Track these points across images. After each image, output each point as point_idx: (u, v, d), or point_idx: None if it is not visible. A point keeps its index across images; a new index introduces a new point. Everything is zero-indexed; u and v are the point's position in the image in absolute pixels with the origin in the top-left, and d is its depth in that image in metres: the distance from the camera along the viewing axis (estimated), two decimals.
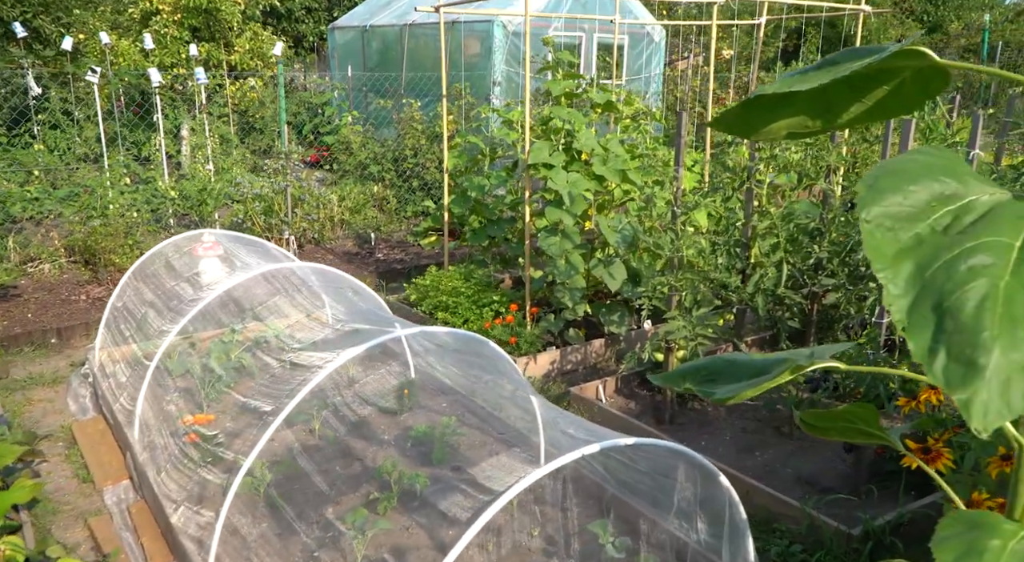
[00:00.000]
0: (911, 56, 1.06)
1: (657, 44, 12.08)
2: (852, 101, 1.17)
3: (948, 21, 16.56)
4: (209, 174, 7.19)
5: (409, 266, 6.62)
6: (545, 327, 4.65)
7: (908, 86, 1.14)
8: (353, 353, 2.53)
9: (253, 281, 3.61)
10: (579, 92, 4.59)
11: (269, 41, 10.35)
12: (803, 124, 1.21)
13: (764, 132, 1.23)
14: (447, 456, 3.29)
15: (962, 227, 0.87)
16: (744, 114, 1.20)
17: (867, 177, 0.93)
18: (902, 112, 1.18)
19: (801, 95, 1.14)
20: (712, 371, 1.40)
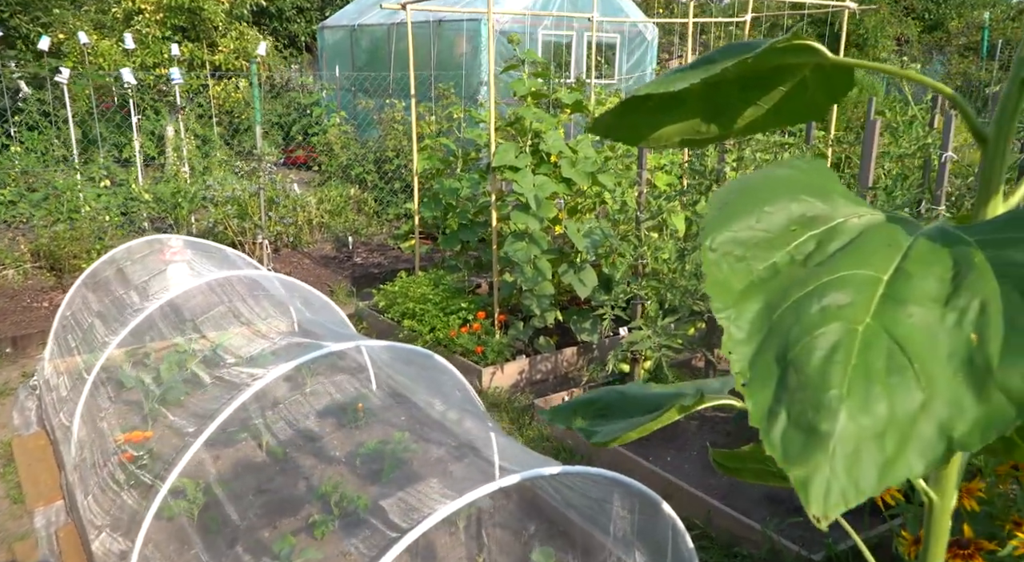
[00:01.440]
0: (798, 52, 0.91)
1: (650, 43, 11.92)
2: (745, 104, 1.02)
3: (949, 19, 16.35)
4: (185, 176, 7.07)
5: (386, 270, 6.48)
6: (514, 335, 4.51)
7: (810, 87, 0.99)
8: (278, 372, 2.39)
9: (200, 290, 3.47)
10: (546, 92, 4.43)
11: (255, 41, 10.22)
12: (695, 129, 1.06)
13: (653, 139, 1.07)
14: (396, 474, 3.14)
15: (825, 256, 0.72)
16: (624, 118, 1.04)
17: (715, 197, 0.78)
18: (807, 117, 1.03)
19: (687, 98, 0.99)
20: (605, 405, 1.26)
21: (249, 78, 10.12)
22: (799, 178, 0.78)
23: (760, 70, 0.96)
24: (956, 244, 0.69)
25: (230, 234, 6.33)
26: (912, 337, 0.65)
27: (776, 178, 0.78)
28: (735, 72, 0.92)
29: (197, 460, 3.20)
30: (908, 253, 0.69)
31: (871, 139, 2.60)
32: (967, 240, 0.69)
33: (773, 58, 0.92)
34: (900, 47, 15.13)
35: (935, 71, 14.02)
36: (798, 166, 0.80)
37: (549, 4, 9.88)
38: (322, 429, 3.52)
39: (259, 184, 6.19)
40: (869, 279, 0.68)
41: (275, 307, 3.67)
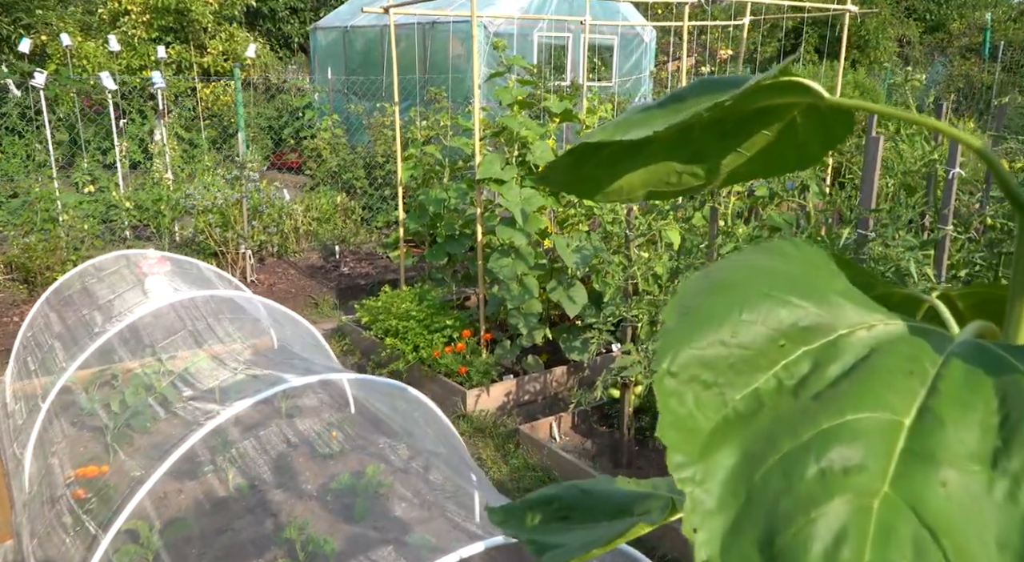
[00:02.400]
0: (787, 90, 0.72)
1: (647, 45, 11.73)
2: (724, 151, 0.83)
3: (950, 20, 16.15)
4: (168, 183, 6.87)
5: (374, 281, 6.29)
6: (501, 354, 4.32)
7: (801, 132, 0.80)
8: (232, 411, 2.20)
9: (165, 312, 3.28)
10: (533, 101, 4.24)
11: (245, 42, 10.03)
12: (664, 180, 0.86)
13: (612, 191, 0.87)
14: (369, 512, 2.96)
15: (824, 383, 0.52)
16: (578, 169, 0.85)
17: (678, 297, 0.58)
18: (798, 165, 0.83)
19: (652, 144, 0.80)
20: (565, 506, 1.06)
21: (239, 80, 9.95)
22: (787, 271, 0.58)
23: (742, 112, 0.77)
24: (1001, 371, 0.49)
25: (212, 244, 6.14)
26: (948, 517, 0.45)
27: (757, 271, 0.58)
28: (710, 116, 0.73)
29: (156, 496, 3.01)
30: (937, 385, 0.49)
31: (873, 158, 2.41)
32: (1016, 366, 0.50)
33: (756, 99, 0.73)
34: (902, 48, 14.95)
35: (937, 73, 13.83)
36: (786, 253, 0.60)
37: (544, 7, 9.69)
38: (294, 460, 3.33)
39: (242, 192, 6.00)
40: (885, 426, 0.48)
41: (246, 331, 3.49)
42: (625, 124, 0.73)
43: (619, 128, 0.72)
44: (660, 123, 0.70)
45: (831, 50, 11.28)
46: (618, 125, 0.73)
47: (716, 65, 12.93)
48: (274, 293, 5.95)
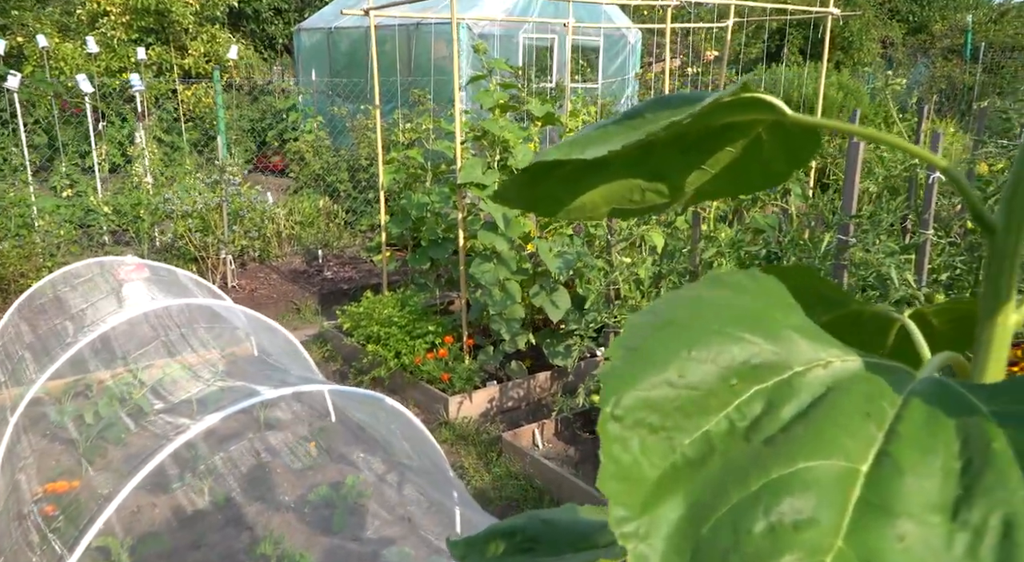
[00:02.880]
0: (749, 108, 0.69)
1: (633, 46, 11.72)
2: (688, 168, 0.79)
3: (932, 21, 16.25)
4: (148, 187, 6.79)
5: (357, 286, 6.23)
6: (484, 360, 4.28)
7: (767, 149, 0.77)
8: (202, 426, 2.15)
9: (139, 321, 3.22)
10: (515, 104, 4.21)
11: (227, 44, 9.94)
12: (627, 198, 0.82)
13: (574, 209, 0.83)
14: (348, 525, 2.91)
15: (777, 426, 0.48)
16: (535, 187, 0.81)
17: (624, 335, 0.54)
18: (765, 183, 0.80)
19: (613, 161, 0.77)
20: (528, 538, 1.02)
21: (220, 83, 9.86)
22: (740, 305, 0.55)
23: (704, 128, 0.74)
24: (963, 412, 0.45)
25: (192, 249, 6.07)
26: None
27: (707, 306, 0.54)
28: (669, 133, 0.69)
29: (129, 511, 2.96)
30: (896, 428, 0.45)
31: (854, 163, 2.39)
32: (979, 408, 0.46)
33: (717, 116, 0.70)
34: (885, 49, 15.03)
35: (920, 74, 13.90)
36: (740, 286, 0.56)
37: (528, 9, 9.66)
38: (272, 471, 3.28)
39: (222, 196, 5.93)
40: (840, 474, 0.44)
41: (224, 339, 3.43)
42: (581, 142, 0.69)
43: (575, 146, 0.69)
44: (616, 141, 0.67)
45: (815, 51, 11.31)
46: (574, 143, 0.70)
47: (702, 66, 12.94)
48: (255, 298, 5.89)
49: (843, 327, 0.85)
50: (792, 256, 3.50)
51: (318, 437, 3.38)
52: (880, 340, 0.87)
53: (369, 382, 4.46)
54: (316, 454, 3.30)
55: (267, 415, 3.69)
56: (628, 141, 0.64)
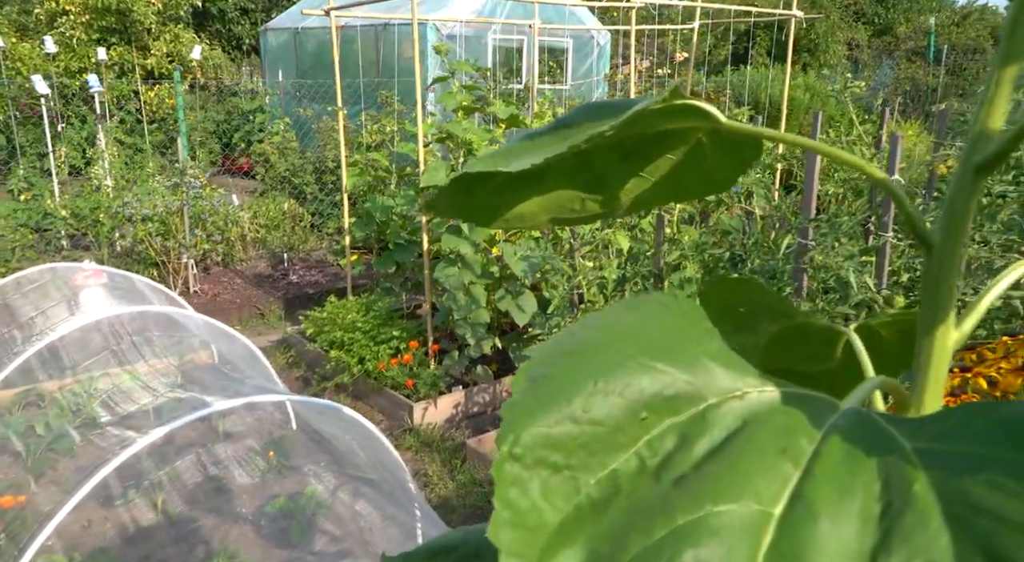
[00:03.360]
0: (680, 115, 0.65)
1: (602, 48, 11.73)
2: (627, 176, 0.76)
3: (897, 23, 16.50)
4: (108, 190, 6.64)
5: (323, 289, 6.14)
6: (449, 365, 4.23)
7: (709, 156, 0.73)
8: (148, 440, 2.08)
9: (91, 330, 3.13)
10: (479, 106, 4.16)
11: (190, 44, 9.77)
12: (566, 207, 0.78)
13: (512, 218, 0.79)
14: (306, 537, 2.85)
15: (690, 464, 0.44)
16: (469, 196, 0.77)
17: (529, 363, 0.50)
18: (710, 190, 0.76)
19: (549, 169, 0.73)
20: (471, 552, 0.98)
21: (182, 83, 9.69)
22: (655, 331, 0.50)
23: (641, 135, 0.70)
24: (885, 449, 0.42)
25: (153, 254, 5.94)
26: None
27: (620, 332, 0.50)
28: (595, 143, 0.66)
29: (80, 525, 2.87)
30: (812, 467, 0.42)
31: (813, 166, 2.39)
32: (902, 445, 0.42)
33: (650, 124, 0.66)
34: (851, 51, 15.23)
35: (885, 75, 14.09)
36: (656, 308, 0.52)
37: (497, 10, 9.62)
38: (229, 482, 3.20)
39: (183, 199, 5.81)
40: (750, 519, 0.40)
41: (183, 347, 3.35)
42: (509, 153, 0.66)
43: (502, 157, 0.65)
44: (542, 153, 0.63)
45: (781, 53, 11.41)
46: (502, 154, 0.66)
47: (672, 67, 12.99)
48: (218, 303, 5.78)
49: (792, 339, 0.82)
50: (756, 258, 3.49)
51: (277, 447, 3.31)
52: (828, 353, 0.84)
53: (333, 388, 4.40)
54: (275, 465, 3.23)
55: (225, 424, 3.60)
56: (552, 154, 0.61)
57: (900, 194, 0.58)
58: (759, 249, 3.46)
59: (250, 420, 3.57)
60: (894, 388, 0.57)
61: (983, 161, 0.56)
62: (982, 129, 0.57)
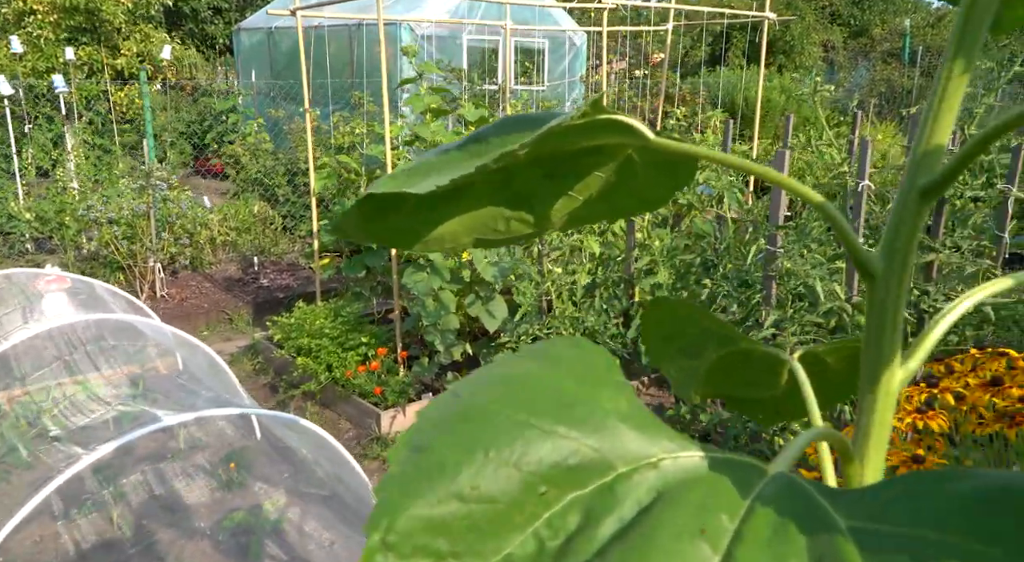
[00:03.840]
0: (601, 131, 0.59)
1: (579, 48, 11.69)
2: (555, 194, 0.70)
3: (873, 25, 16.63)
4: (73, 192, 6.49)
5: (294, 294, 6.03)
6: (418, 372, 4.15)
7: (641, 173, 0.67)
8: (92, 458, 1.99)
9: (42, 339, 3.02)
10: (448, 107, 4.09)
11: (161, 43, 9.61)
12: (491, 227, 0.71)
13: (434, 240, 0.72)
14: (265, 552, 2.76)
15: (594, 547, 0.37)
16: (381, 218, 0.70)
17: (413, 429, 0.43)
18: (644, 207, 0.70)
19: (472, 186, 0.67)
20: None
21: (153, 83, 9.53)
22: (557, 386, 0.44)
23: (565, 151, 0.64)
24: (818, 528, 0.36)
25: (119, 257, 5.81)
26: None
27: (517, 388, 0.43)
28: (520, 159, 0.60)
29: (32, 541, 2.77)
30: (733, 551, 0.36)
31: (780, 171, 2.34)
32: (836, 523, 0.36)
33: (570, 140, 0.60)
34: (827, 53, 15.32)
35: (860, 77, 14.18)
36: (560, 359, 0.46)
37: (473, 11, 9.55)
38: (188, 495, 3.11)
39: (147, 203, 5.68)
40: None
41: (138, 357, 3.25)
42: (417, 171, 0.59)
43: (409, 177, 0.58)
44: (450, 172, 0.56)
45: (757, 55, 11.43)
46: (408, 173, 0.59)
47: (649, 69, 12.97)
48: (185, 308, 5.66)
49: (735, 365, 0.76)
50: (728, 263, 3.45)
51: (239, 459, 3.22)
52: (773, 380, 0.79)
53: (300, 396, 4.31)
54: (235, 477, 3.14)
55: (186, 435, 3.51)
56: (458, 174, 0.54)
57: (839, 219, 0.52)
58: (730, 254, 3.42)
59: (211, 431, 3.48)
60: (834, 438, 0.51)
61: (929, 184, 0.50)
62: (928, 147, 0.51)
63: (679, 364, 0.82)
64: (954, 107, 0.50)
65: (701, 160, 0.59)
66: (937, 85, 0.50)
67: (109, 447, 2.08)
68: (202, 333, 5.47)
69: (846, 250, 0.55)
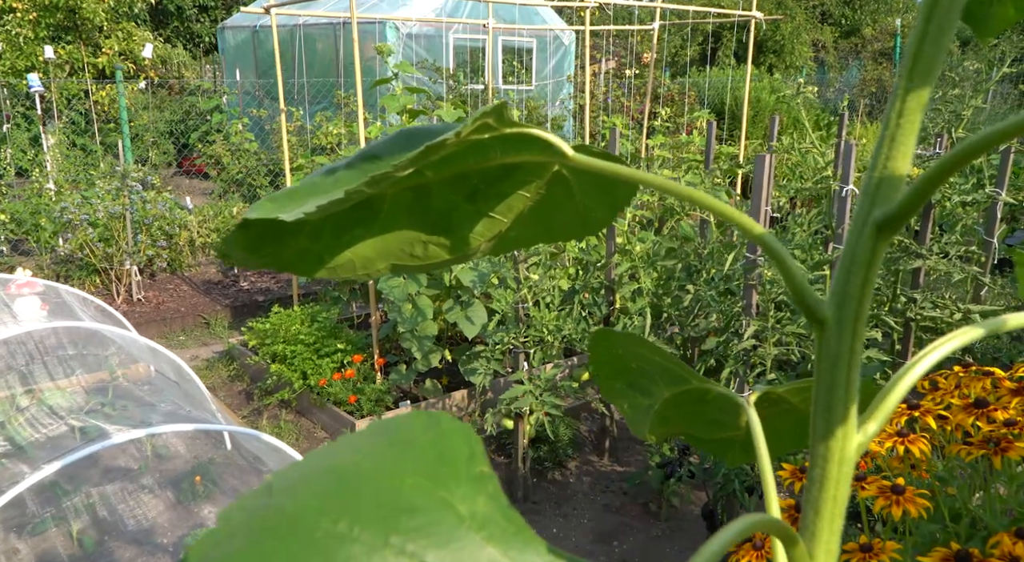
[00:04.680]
0: (518, 145, 0.50)
1: (567, 48, 11.60)
2: (477, 216, 0.60)
3: (863, 25, 16.59)
4: (50, 193, 6.36)
5: (274, 297, 5.92)
6: (396, 380, 4.05)
7: (577, 191, 0.58)
8: (33, 479, 1.88)
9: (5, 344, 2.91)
10: (424, 108, 3.99)
11: (143, 42, 9.48)
12: (410, 253, 0.62)
13: (342, 266, 0.62)
14: None
15: None
16: (278, 241, 0.59)
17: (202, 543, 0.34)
18: (583, 229, 0.61)
19: (382, 207, 0.57)
20: None
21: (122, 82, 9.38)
22: (392, 482, 0.33)
23: (480, 170, 0.55)
24: None
25: (95, 260, 5.68)
26: None
27: (341, 484, 0.33)
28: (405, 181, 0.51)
29: None
30: None
31: (761, 177, 2.26)
32: None
33: (480, 157, 0.51)
34: (817, 53, 15.27)
35: (852, 77, 14.13)
36: (402, 441, 0.35)
37: (458, 9, 9.45)
38: (151, 508, 3.00)
39: (123, 205, 5.56)
40: None
41: (105, 365, 3.14)
42: (298, 193, 0.49)
43: (291, 199, 0.48)
44: (312, 202, 0.46)
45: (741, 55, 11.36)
46: (291, 195, 0.49)
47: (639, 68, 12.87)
48: (161, 312, 5.55)
49: (690, 404, 0.68)
50: (712, 268, 3.36)
51: (205, 471, 3.11)
52: (732, 421, 0.71)
53: (276, 404, 4.20)
54: (201, 491, 3.03)
55: (152, 447, 3.40)
56: (326, 200, 0.45)
57: (780, 252, 0.43)
58: (714, 259, 3.33)
59: (179, 442, 3.37)
60: (776, 528, 0.42)
61: (887, 217, 0.41)
62: (884, 174, 0.42)
63: (630, 400, 0.74)
64: (915, 126, 0.41)
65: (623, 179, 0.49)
66: (894, 99, 0.41)
67: (52, 468, 1.97)
68: (179, 337, 5.36)
69: (789, 291, 0.46)
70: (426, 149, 0.44)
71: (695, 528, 3.05)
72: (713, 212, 0.45)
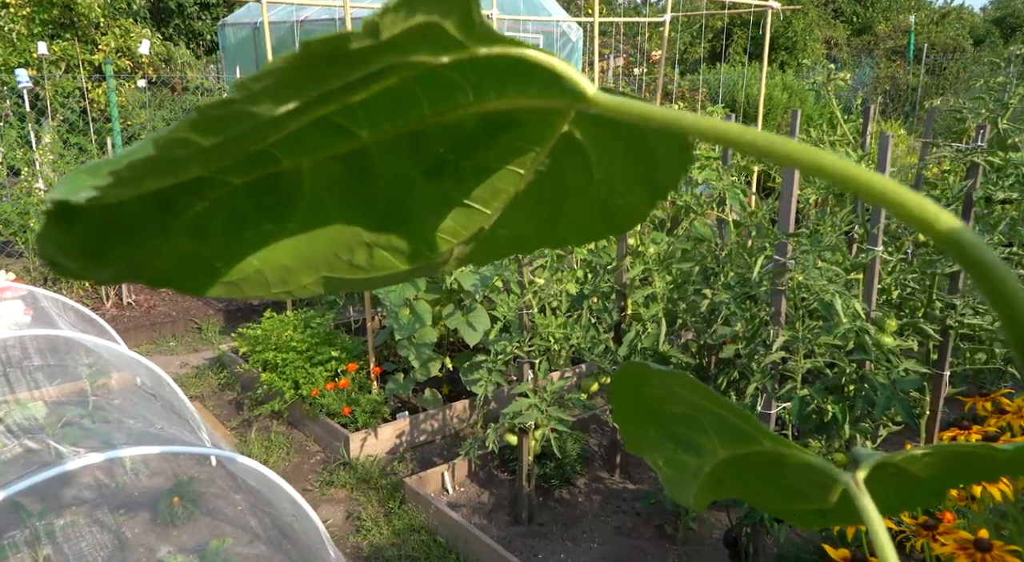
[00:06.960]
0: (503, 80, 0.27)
1: (575, 43, 11.35)
2: (444, 205, 0.37)
3: (876, 22, 16.26)
4: (39, 193, 6.15)
5: (269, 301, 5.70)
6: (392, 389, 3.82)
7: (596, 166, 0.36)
8: None
9: None
10: None
11: (140, 38, 9.28)
12: (348, 260, 0.37)
13: (245, 281, 0.37)
14: None
15: None
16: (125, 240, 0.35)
17: None
18: (608, 228, 0.39)
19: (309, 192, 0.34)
20: None
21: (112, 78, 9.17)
22: None
23: (446, 125, 0.32)
24: None
25: None
26: None
27: None
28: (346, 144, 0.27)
29: None
30: None
31: (791, 174, 2.02)
32: None
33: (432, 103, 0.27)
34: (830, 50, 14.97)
35: (864, 75, 13.84)
36: None
37: None
38: (126, 531, 2.77)
39: None
40: None
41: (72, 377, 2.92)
42: (104, 166, 0.21)
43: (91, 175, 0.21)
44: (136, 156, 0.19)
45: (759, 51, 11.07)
46: (94, 169, 0.21)
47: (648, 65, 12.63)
48: (152, 317, 5.33)
49: (757, 468, 0.43)
50: (730, 271, 3.11)
51: (185, 491, 2.88)
52: (818, 494, 0.47)
53: (268, 414, 3.98)
54: (179, 512, 2.81)
55: (135, 460, 3.17)
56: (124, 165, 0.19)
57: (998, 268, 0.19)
58: (732, 261, 3.08)
59: (160, 458, 3.14)
60: None
61: None
62: None
63: (666, 456, 0.51)
64: None
65: (690, 135, 0.26)
66: None
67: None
68: (169, 343, 5.14)
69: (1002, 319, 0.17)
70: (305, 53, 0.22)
71: (715, 555, 2.81)
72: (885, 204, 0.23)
